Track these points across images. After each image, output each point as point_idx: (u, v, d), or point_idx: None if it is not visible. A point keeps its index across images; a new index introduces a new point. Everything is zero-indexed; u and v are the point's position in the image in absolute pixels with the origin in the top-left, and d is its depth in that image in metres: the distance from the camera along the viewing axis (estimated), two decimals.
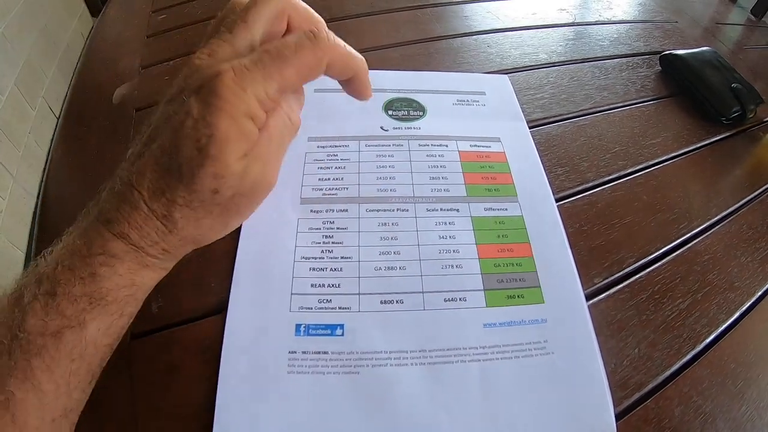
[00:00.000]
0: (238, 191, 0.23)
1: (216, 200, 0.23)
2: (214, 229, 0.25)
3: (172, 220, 0.23)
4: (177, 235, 0.23)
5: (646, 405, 0.27)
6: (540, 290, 0.31)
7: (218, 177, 0.21)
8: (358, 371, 0.27)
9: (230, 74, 0.21)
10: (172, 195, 0.22)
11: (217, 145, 0.21)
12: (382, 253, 0.32)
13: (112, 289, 0.22)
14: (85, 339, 0.21)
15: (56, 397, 0.21)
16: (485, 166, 0.38)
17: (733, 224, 0.37)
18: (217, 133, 0.21)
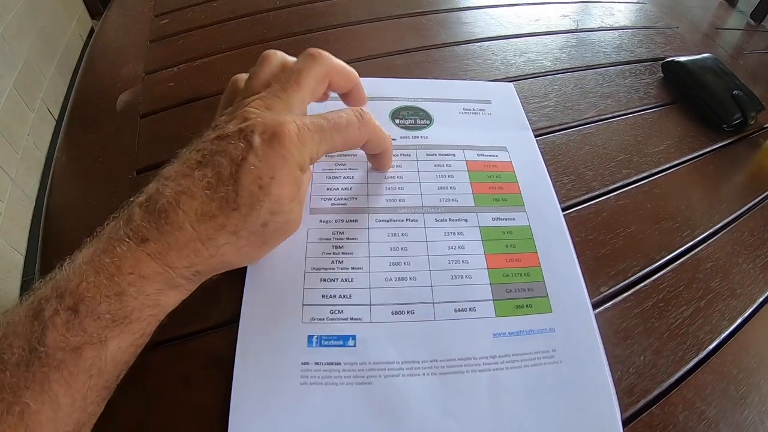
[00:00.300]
0: (281, 228, 0.26)
1: (262, 233, 0.26)
2: (248, 256, 0.27)
3: (216, 244, 0.24)
4: (216, 258, 0.25)
5: (652, 411, 0.28)
6: (548, 300, 0.31)
7: (273, 213, 0.25)
8: (370, 382, 0.27)
9: (294, 128, 0.25)
10: (224, 220, 0.24)
11: (277, 187, 0.25)
12: (393, 263, 0.32)
13: (136, 309, 0.23)
14: (105, 356, 0.22)
15: (71, 411, 0.21)
16: (492, 175, 0.38)
17: (735, 231, 0.38)
18: (278, 176, 0.24)
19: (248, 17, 0.57)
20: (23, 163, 1.41)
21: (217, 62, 0.50)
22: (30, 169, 1.45)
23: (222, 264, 0.26)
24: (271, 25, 0.55)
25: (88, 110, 0.47)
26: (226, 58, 0.50)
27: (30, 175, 1.44)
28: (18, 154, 1.40)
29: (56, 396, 0.20)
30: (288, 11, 0.58)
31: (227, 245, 0.25)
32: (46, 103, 1.62)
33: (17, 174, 1.36)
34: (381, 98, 0.44)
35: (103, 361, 0.22)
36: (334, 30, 0.54)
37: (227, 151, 0.24)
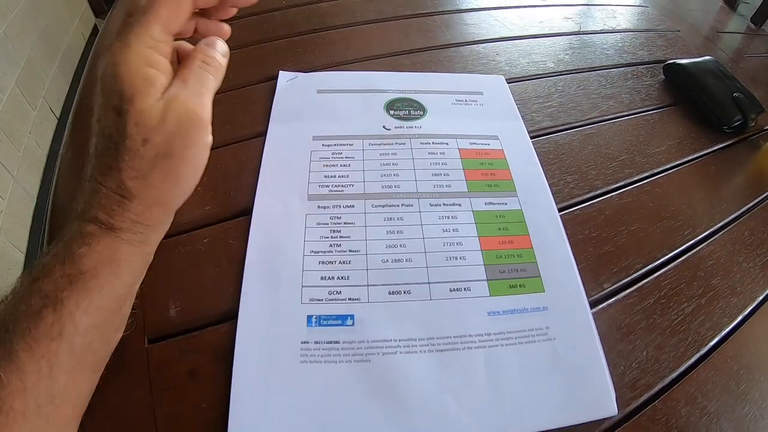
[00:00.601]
0: (167, 133, 0.24)
1: (151, 149, 0.24)
2: (167, 181, 0.25)
3: (125, 187, 0.24)
4: (136, 199, 0.24)
5: (655, 405, 0.28)
6: (540, 280, 0.32)
7: (140, 125, 0.23)
8: (369, 359, 0.28)
9: (116, 44, 0.24)
10: (116, 164, 0.24)
11: (128, 99, 0.23)
12: (389, 246, 0.33)
13: (90, 267, 0.23)
14: (62, 317, 0.22)
15: (38, 378, 0.21)
16: (485, 162, 0.39)
17: (735, 231, 0.39)
18: (123, 91, 0.23)
19: (254, 16, 0.57)
20: (24, 161, 1.41)
21: None
22: (31, 167, 1.45)
23: (150, 202, 0.25)
24: (277, 24, 0.55)
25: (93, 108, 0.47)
26: (232, 55, 0.50)
27: (31, 173, 1.45)
28: (19, 152, 1.40)
29: (22, 363, 0.21)
30: (294, 11, 0.58)
31: (133, 181, 0.24)
32: (48, 101, 1.63)
33: (18, 172, 1.36)
34: (376, 90, 0.45)
35: (62, 322, 0.22)
36: (340, 30, 0.55)
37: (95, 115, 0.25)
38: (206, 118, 0.25)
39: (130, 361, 0.28)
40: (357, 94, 0.45)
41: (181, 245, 0.33)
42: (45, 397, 0.22)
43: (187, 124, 0.25)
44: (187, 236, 0.34)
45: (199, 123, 0.25)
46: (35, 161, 1.48)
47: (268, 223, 0.34)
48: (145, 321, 0.30)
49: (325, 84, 0.45)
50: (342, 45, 0.52)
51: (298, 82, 0.46)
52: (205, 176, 0.37)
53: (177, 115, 0.24)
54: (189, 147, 0.25)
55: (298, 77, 0.46)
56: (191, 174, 0.26)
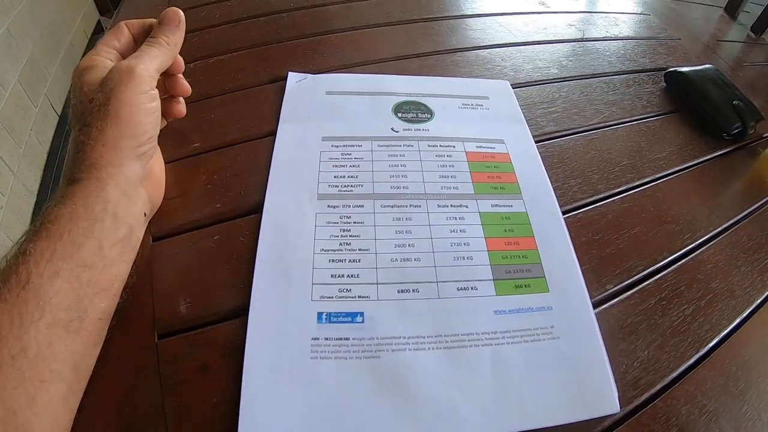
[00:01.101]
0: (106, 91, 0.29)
1: (95, 105, 0.29)
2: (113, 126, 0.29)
3: (79, 140, 0.29)
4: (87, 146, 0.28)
5: (655, 404, 0.29)
6: (545, 280, 0.33)
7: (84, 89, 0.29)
8: (378, 356, 0.29)
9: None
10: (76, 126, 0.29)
11: (77, 74, 0.30)
12: (398, 245, 0.34)
13: (53, 217, 0.26)
14: (29, 265, 0.23)
15: (10, 328, 0.22)
16: (491, 165, 0.40)
17: (734, 235, 0.39)
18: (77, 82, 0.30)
19: (263, 17, 0.58)
20: (25, 158, 1.41)
21: (232, 60, 0.51)
22: (32, 164, 1.45)
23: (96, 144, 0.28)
24: (285, 26, 0.56)
25: None
26: (241, 56, 0.52)
27: (32, 170, 1.45)
28: (20, 148, 1.40)
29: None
30: (302, 13, 0.59)
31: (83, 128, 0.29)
32: (50, 98, 1.63)
33: (19, 168, 1.36)
34: (384, 93, 0.46)
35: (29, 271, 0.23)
36: (347, 32, 0.55)
37: None
38: (140, 71, 0.30)
39: (139, 356, 0.28)
40: (365, 97, 0.45)
41: (192, 242, 0.34)
42: (18, 347, 0.22)
43: (120, 76, 0.29)
44: (197, 233, 0.35)
45: (130, 73, 0.29)
46: (36, 158, 1.48)
47: (278, 221, 0.34)
48: (155, 317, 0.30)
49: (334, 85, 0.46)
50: (350, 47, 0.53)
51: (307, 84, 0.46)
52: (215, 174, 0.38)
53: (113, 74, 0.29)
54: (123, 92, 0.29)
55: (307, 78, 0.47)
56: (130, 114, 0.29)
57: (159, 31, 0.33)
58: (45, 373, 0.23)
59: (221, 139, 0.41)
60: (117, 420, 0.26)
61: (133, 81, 0.29)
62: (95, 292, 0.26)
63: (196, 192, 0.37)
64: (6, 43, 1.40)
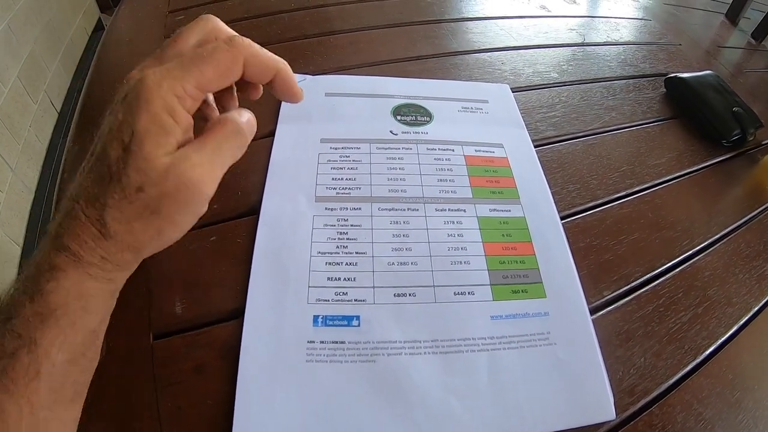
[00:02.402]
0: (163, 191, 0.23)
1: (142, 200, 0.23)
2: (147, 233, 0.24)
3: (105, 224, 0.23)
4: (112, 240, 0.24)
5: (652, 411, 0.29)
6: (542, 286, 0.33)
7: (140, 172, 0.22)
8: (374, 360, 0.29)
9: (151, 76, 0.23)
10: (104, 198, 0.23)
11: (138, 140, 0.22)
12: (395, 249, 0.34)
13: (61, 304, 0.23)
14: (38, 356, 0.22)
15: (19, 418, 0.21)
16: (489, 170, 0.40)
17: (732, 243, 0.39)
18: (136, 129, 0.22)
19: (263, 17, 0.58)
20: (24, 155, 1.41)
21: None
22: (30, 160, 1.45)
23: (122, 246, 0.24)
24: (286, 26, 0.56)
25: (102, 102, 0.47)
26: None
27: (30, 167, 1.44)
28: (19, 145, 1.40)
29: (2, 404, 0.21)
30: (303, 13, 0.59)
31: (114, 222, 0.23)
32: (49, 95, 1.62)
33: (17, 165, 1.36)
34: (383, 96, 0.46)
35: (39, 362, 0.22)
36: (348, 34, 0.55)
37: (102, 130, 0.24)
38: (206, 193, 0.25)
39: (134, 358, 0.28)
40: (364, 99, 0.45)
41: (188, 243, 0.34)
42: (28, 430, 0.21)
43: (185, 191, 0.24)
44: (194, 234, 0.34)
45: (197, 196, 0.24)
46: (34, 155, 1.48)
47: (275, 223, 0.34)
48: (151, 318, 0.30)
49: (333, 87, 0.46)
50: (350, 49, 0.53)
51: (306, 84, 0.46)
52: None
53: (178, 177, 0.23)
54: (179, 212, 0.24)
55: (306, 79, 0.47)
56: (173, 233, 0.26)
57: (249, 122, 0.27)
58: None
59: None
60: (112, 420, 0.26)
61: (194, 205, 0.24)
62: (95, 359, 0.25)
63: None
64: (6, 39, 1.40)
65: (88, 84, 0.50)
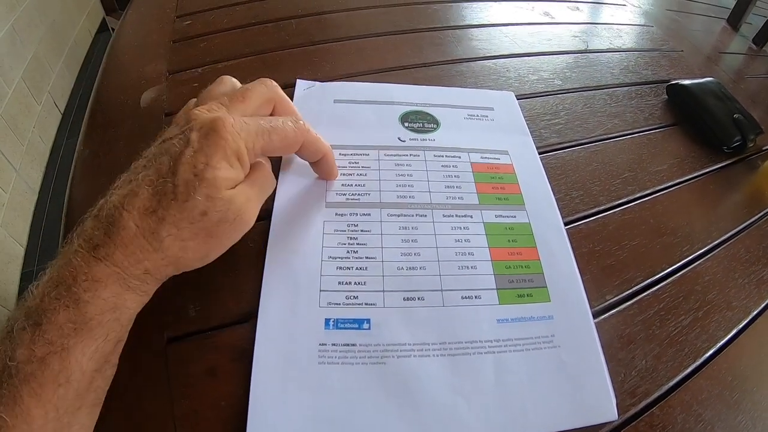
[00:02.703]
0: (223, 218, 0.26)
1: (203, 223, 0.26)
2: (197, 253, 0.27)
3: (159, 238, 0.25)
4: (161, 253, 0.25)
5: (652, 412, 0.30)
6: (546, 290, 0.34)
7: (209, 199, 0.25)
8: (384, 362, 0.30)
9: (230, 120, 0.27)
10: (163, 213, 0.25)
11: (212, 171, 0.25)
12: (404, 254, 0.35)
13: (96, 314, 0.23)
14: (70, 364, 0.22)
15: (45, 422, 0.22)
16: (495, 176, 0.41)
17: (732, 248, 0.40)
18: (212, 161, 0.25)
19: (271, 23, 0.59)
20: (28, 156, 1.42)
21: (241, 65, 0.52)
22: (34, 161, 1.46)
23: (170, 261, 0.26)
24: (293, 32, 0.57)
25: (111, 105, 0.48)
26: (249, 61, 0.52)
27: (34, 168, 1.45)
28: (23, 146, 1.41)
29: (28, 408, 0.21)
30: (310, 19, 0.60)
31: (170, 237, 0.25)
32: (53, 96, 1.64)
33: (21, 166, 1.37)
34: (391, 102, 0.47)
35: (69, 370, 0.22)
36: (354, 41, 0.56)
37: (168, 149, 0.26)
38: (252, 222, 0.29)
39: (148, 360, 0.29)
40: (372, 105, 0.46)
41: None
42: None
43: (239, 221, 0.28)
44: None
45: (246, 224, 0.29)
46: (38, 156, 1.49)
47: (287, 228, 0.35)
48: (164, 321, 0.31)
49: (342, 94, 0.47)
50: (356, 56, 0.54)
51: (315, 91, 0.47)
52: None
53: (238, 208, 0.27)
54: (230, 238, 0.28)
55: (315, 86, 0.48)
56: (217, 254, 0.29)
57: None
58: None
59: None
60: (126, 423, 0.27)
61: (243, 231, 0.29)
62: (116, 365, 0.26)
63: None
64: (11, 41, 1.41)
65: (97, 88, 0.51)
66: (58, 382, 0.22)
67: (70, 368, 0.22)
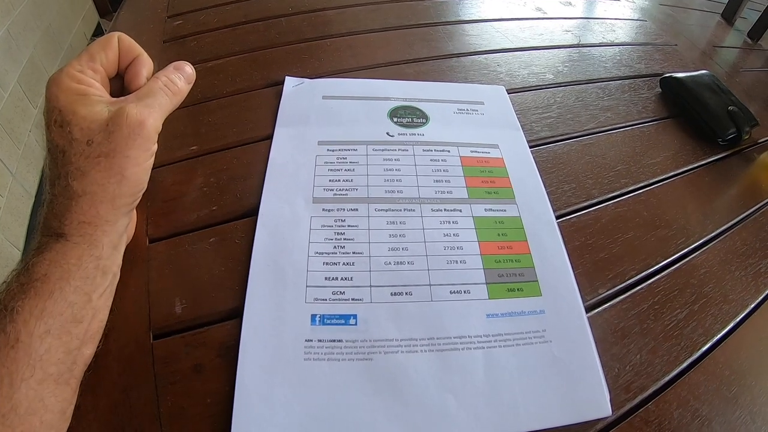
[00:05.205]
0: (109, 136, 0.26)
1: (94, 150, 0.26)
2: (111, 179, 0.27)
3: (71, 188, 0.26)
4: (81, 199, 0.26)
5: (648, 408, 0.29)
6: (537, 284, 0.33)
7: (84, 130, 0.26)
8: (371, 358, 0.29)
9: (52, 74, 0.27)
10: (63, 170, 0.26)
11: (68, 111, 0.26)
12: (391, 249, 0.34)
13: (42, 273, 0.24)
14: (17, 324, 0.23)
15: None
16: (485, 170, 0.40)
17: (728, 240, 0.40)
18: (60, 105, 0.26)
19: (261, 21, 0.58)
20: (24, 159, 1.41)
21: (230, 64, 0.51)
22: (31, 165, 1.45)
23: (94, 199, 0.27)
24: (283, 30, 0.57)
25: None
26: (239, 60, 0.52)
27: (30, 171, 1.45)
28: (19, 149, 1.40)
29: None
30: (300, 17, 0.59)
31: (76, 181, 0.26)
32: None
33: (18, 169, 1.36)
34: (380, 98, 0.46)
35: (17, 329, 0.23)
36: (345, 37, 0.56)
37: None
38: (150, 126, 0.28)
39: (134, 356, 0.28)
40: (361, 101, 0.46)
41: (188, 244, 0.34)
42: (8, 406, 0.22)
43: (130, 129, 0.27)
44: (193, 235, 0.35)
45: (141, 129, 0.27)
46: (35, 159, 1.48)
47: (273, 224, 0.35)
48: (151, 317, 0.30)
49: (331, 90, 0.47)
50: (347, 52, 0.53)
51: (304, 88, 0.47)
52: (212, 177, 0.38)
53: (121, 120, 0.27)
54: (131, 148, 0.27)
55: (304, 83, 0.47)
56: (135, 173, 0.28)
57: (171, 74, 0.31)
58: (35, 425, 0.23)
59: (218, 143, 0.42)
60: (112, 420, 0.26)
61: (142, 138, 0.27)
62: (84, 343, 0.26)
63: (192, 194, 0.37)
64: (6, 44, 1.40)
65: None
66: (9, 343, 0.22)
67: (18, 328, 0.23)
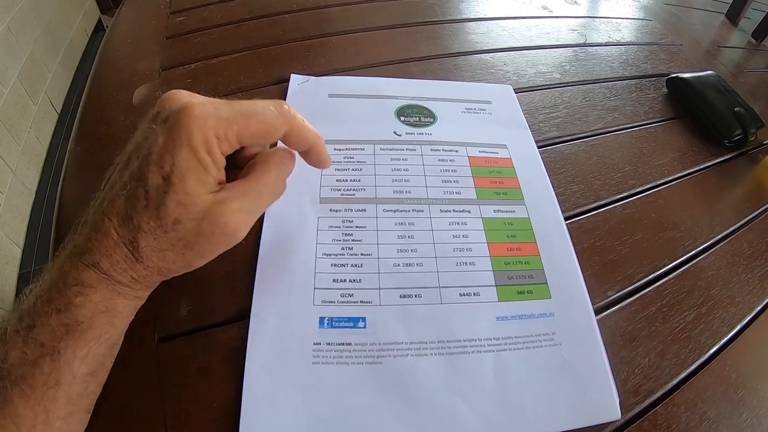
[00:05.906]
0: (200, 229, 0.24)
1: (178, 232, 0.24)
2: (177, 264, 0.25)
3: (138, 249, 0.23)
4: (143, 264, 0.24)
5: (656, 411, 0.29)
6: (547, 286, 0.33)
7: (181, 206, 0.23)
8: (380, 361, 0.29)
9: (198, 107, 0.24)
10: (138, 221, 0.23)
11: (179, 174, 0.23)
12: (400, 250, 0.34)
13: (88, 317, 0.23)
14: (60, 366, 0.22)
15: (33, 424, 0.21)
16: (493, 171, 0.40)
17: (734, 243, 0.40)
18: (177, 161, 0.23)
19: (265, 18, 0.58)
20: (24, 156, 1.41)
21: (234, 61, 0.51)
22: (31, 162, 1.45)
23: (153, 270, 0.25)
24: (287, 27, 0.56)
25: (104, 102, 0.47)
26: (243, 57, 0.51)
27: (30, 168, 1.44)
28: (19, 146, 1.40)
29: (16, 408, 0.21)
30: (305, 14, 0.59)
31: (148, 248, 0.24)
32: (50, 96, 1.62)
33: (18, 166, 1.36)
34: (387, 96, 0.46)
35: (60, 371, 0.22)
36: (350, 34, 0.56)
37: (140, 144, 0.24)
38: (240, 238, 0.26)
39: (139, 360, 0.28)
40: (368, 100, 0.45)
41: None
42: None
43: (221, 235, 0.25)
44: None
45: (231, 239, 0.26)
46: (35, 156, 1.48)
47: (280, 225, 0.34)
48: (156, 320, 0.30)
49: (337, 88, 0.46)
50: (352, 50, 0.53)
51: (309, 86, 0.46)
52: None
53: (218, 219, 0.24)
54: (212, 251, 0.26)
55: (309, 81, 0.47)
56: (200, 264, 0.26)
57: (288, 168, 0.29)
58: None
59: None
60: (118, 424, 0.26)
61: (229, 244, 0.26)
62: (106, 376, 0.26)
63: None
64: (6, 41, 1.40)
65: (90, 85, 0.50)
66: (48, 384, 0.22)
67: (60, 370, 0.22)
